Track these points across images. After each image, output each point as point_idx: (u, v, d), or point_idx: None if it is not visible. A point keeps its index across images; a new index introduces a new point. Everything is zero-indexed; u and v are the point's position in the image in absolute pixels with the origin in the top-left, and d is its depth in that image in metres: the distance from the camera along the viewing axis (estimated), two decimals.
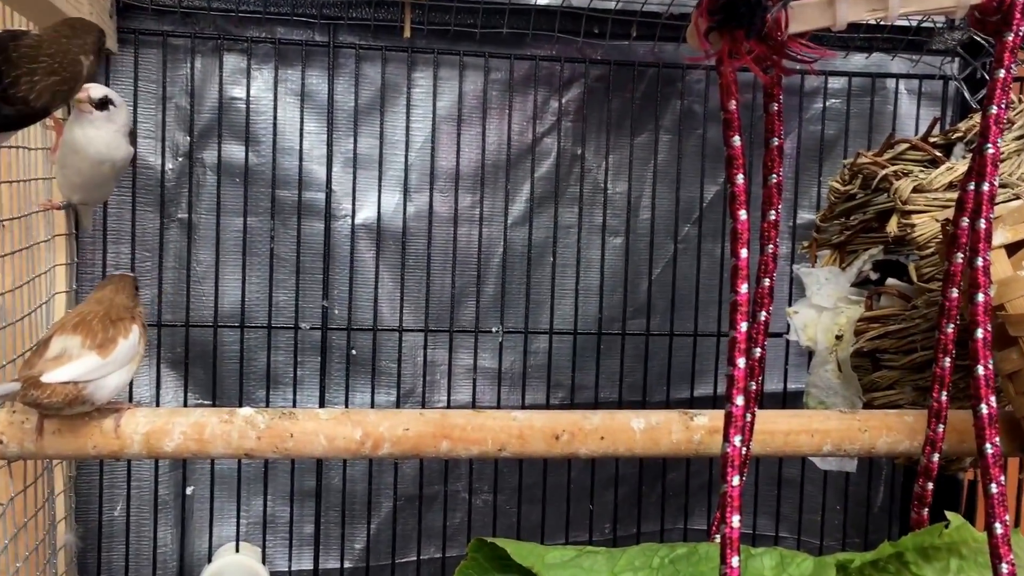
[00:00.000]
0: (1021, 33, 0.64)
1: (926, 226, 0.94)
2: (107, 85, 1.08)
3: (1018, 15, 0.63)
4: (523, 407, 1.19)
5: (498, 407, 1.18)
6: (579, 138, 1.18)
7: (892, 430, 0.89)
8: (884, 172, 0.99)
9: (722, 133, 0.66)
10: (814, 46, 0.64)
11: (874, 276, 1.05)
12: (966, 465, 1.06)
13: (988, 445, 0.64)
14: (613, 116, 1.19)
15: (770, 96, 0.71)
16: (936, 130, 1.04)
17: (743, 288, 0.66)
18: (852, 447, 0.89)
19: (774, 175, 0.72)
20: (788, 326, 1.07)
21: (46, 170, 1.00)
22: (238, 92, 1.12)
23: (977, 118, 1.05)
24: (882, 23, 1.04)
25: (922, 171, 0.99)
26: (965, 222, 0.69)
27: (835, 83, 1.25)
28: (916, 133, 1.22)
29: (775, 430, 0.88)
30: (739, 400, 0.65)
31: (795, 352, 1.21)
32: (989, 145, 0.65)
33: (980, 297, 0.65)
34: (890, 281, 1.02)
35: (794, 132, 1.23)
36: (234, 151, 1.12)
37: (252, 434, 0.83)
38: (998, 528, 0.62)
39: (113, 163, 0.93)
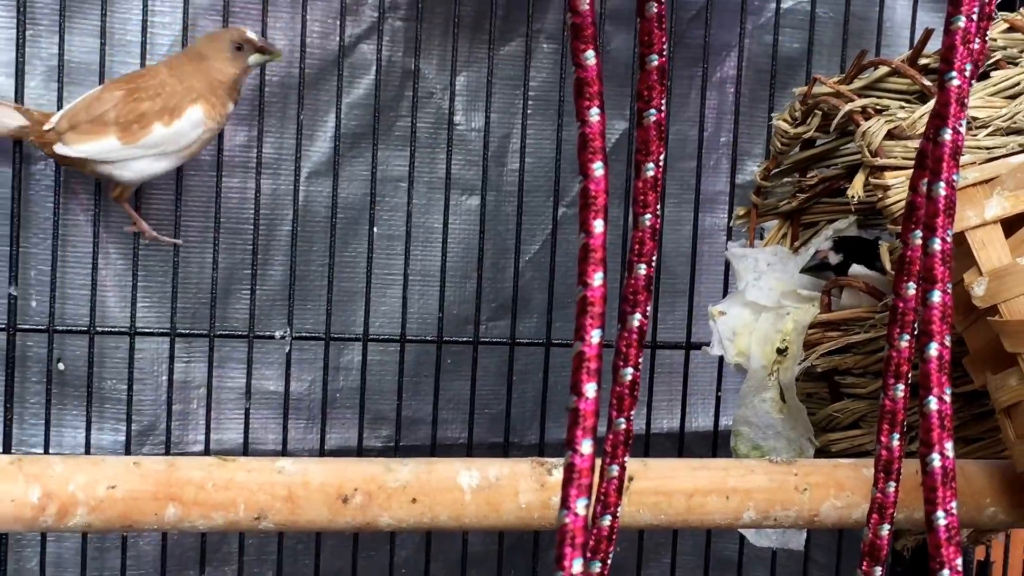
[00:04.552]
0: None
1: (904, 188, 0.96)
2: None
3: None
4: (323, 452, 1.19)
5: (284, 452, 1.18)
6: (413, 46, 1.18)
7: (844, 489, 0.91)
8: (849, 107, 1.00)
9: (571, 47, 0.67)
10: None
11: (835, 259, 1.07)
12: (963, 539, 1.09)
13: (940, 513, 0.65)
14: (466, 14, 1.19)
15: None
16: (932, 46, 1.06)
17: (596, 279, 0.66)
18: (786, 514, 0.91)
19: (652, 110, 0.72)
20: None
21: None
22: None
23: (994, 30, 1.08)
24: None
25: (905, 107, 1.02)
26: (926, 186, 0.71)
27: None
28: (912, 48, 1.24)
29: (673, 489, 0.90)
30: (585, 446, 0.65)
31: (732, 372, 1.23)
32: (953, 74, 0.67)
33: (936, 296, 0.67)
34: (855, 269, 1.04)
35: (735, 47, 1.25)
36: None
37: None
38: None
39: None
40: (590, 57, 0.67)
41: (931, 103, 0.99)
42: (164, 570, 1.18)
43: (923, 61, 1.05)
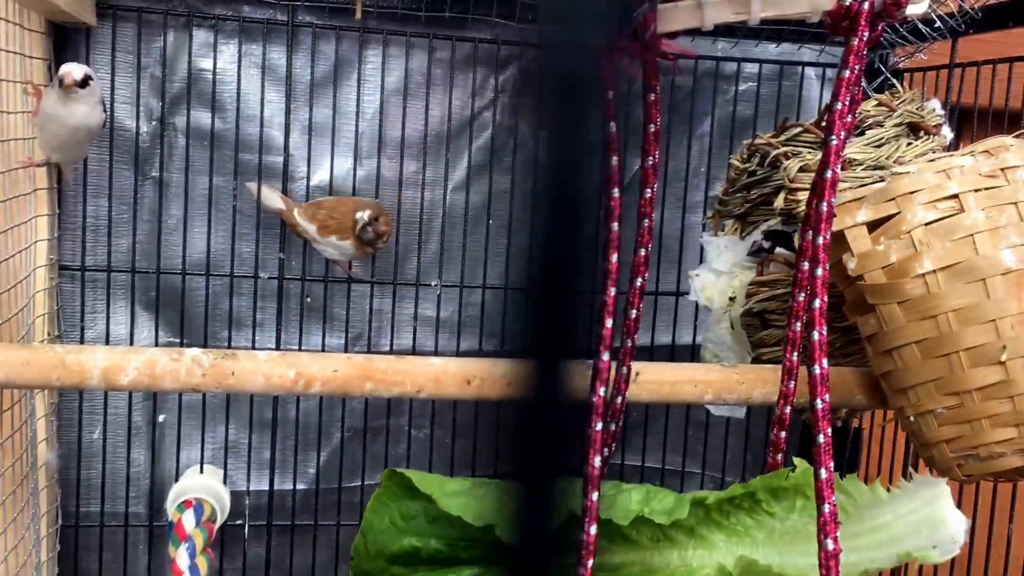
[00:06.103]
0: (865, 38, 0.64)
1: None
2: (87, 56, 1.08)
3: (863, 22, 0.64)
4: (458, 352, 1.21)
5: (435, 352, 1.20)
6: (514, 113, 1.19)
7: (768, 383, 0.91)
8: (776, 152, 0.99)
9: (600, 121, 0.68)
10: (679, 46, 0.65)
11: (766, 245, 1.06)
12: (842, 415, 1.09)
13: (818, 401, 0.66)
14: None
15: (647, 87, 0.72)
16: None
17: (614, 258, 0.68)
18: (731, 397, 0.91)
19: (650, 158, 0.73)
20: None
21: (26, 131, 1.00)
22: (206, 64, 1.12)
23: (868, 105, 1.06)
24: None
25: (811, 152, 1.00)
26: (815, 204, 0.70)
27: (752, 68, 1.25)
28: None
29: (662, 380, 0.90)
30: (604, 356, 0.67)
31: (703, 311, 1.22)
32: (833, 137, 0.66)
33: (819, 271, 0.67)
34: (778, 250, 1.03)
35: (710, 114, 1.24)
36: (202, 117, 1.12)
37: (198, 371, 0.84)
38: (823, 473, 0.64)
39: (89, 129, 1.00)
40: (611, 127, 0.67)
41: None
42: (366, 416, 1.22)
43: (823, 124, 1.03)
